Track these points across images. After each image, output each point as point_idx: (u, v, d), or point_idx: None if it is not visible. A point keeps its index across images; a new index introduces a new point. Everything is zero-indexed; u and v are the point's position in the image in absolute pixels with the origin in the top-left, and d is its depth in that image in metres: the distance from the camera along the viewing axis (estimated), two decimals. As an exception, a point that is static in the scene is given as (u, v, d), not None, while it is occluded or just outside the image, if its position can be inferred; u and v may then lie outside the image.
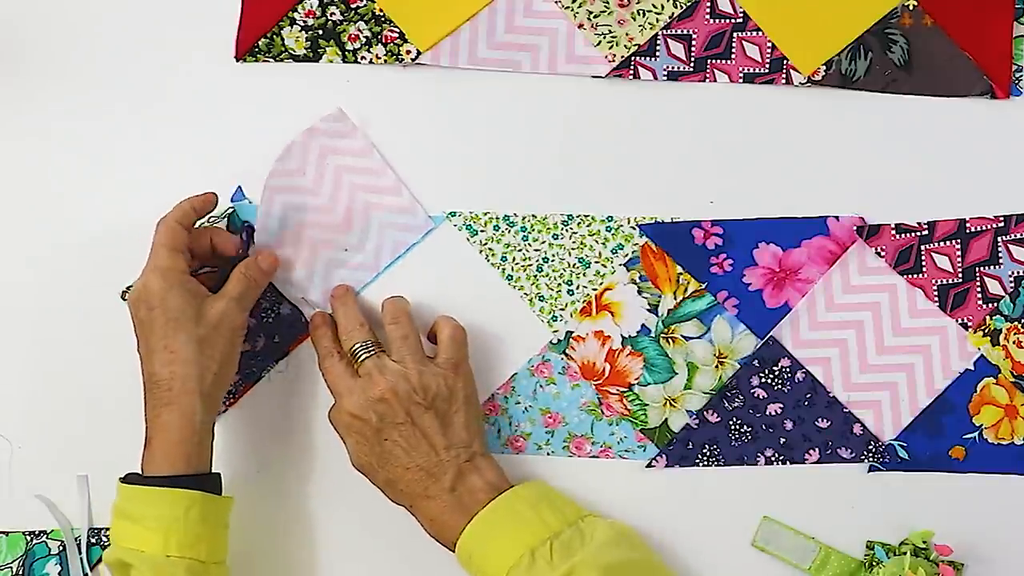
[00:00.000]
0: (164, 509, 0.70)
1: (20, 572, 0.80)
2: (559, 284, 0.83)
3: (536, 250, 0.83)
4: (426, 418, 0.74)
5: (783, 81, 0.84)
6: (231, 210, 0.83)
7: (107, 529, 0.80)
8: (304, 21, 0.85)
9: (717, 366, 0.82)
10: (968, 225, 0.82)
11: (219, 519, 0.74)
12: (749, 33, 0.84)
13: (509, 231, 0.83)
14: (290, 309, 0.82)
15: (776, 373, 0.81)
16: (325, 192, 0.83)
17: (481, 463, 0.75)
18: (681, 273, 0.83)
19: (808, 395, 0.81)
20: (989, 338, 0.81)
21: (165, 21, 0.86)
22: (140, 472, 0.72)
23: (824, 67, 0.84)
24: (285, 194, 0.82)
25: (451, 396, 0.75)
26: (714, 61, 0.84)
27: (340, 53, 0.85)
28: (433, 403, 0.74)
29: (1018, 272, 0.82)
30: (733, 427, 0.81)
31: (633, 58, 0.84)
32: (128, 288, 0.82)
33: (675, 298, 0.82)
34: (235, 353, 0.76)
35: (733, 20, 0.84)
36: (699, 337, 0.82)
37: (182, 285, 0.74)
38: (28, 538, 0.81)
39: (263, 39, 0.85)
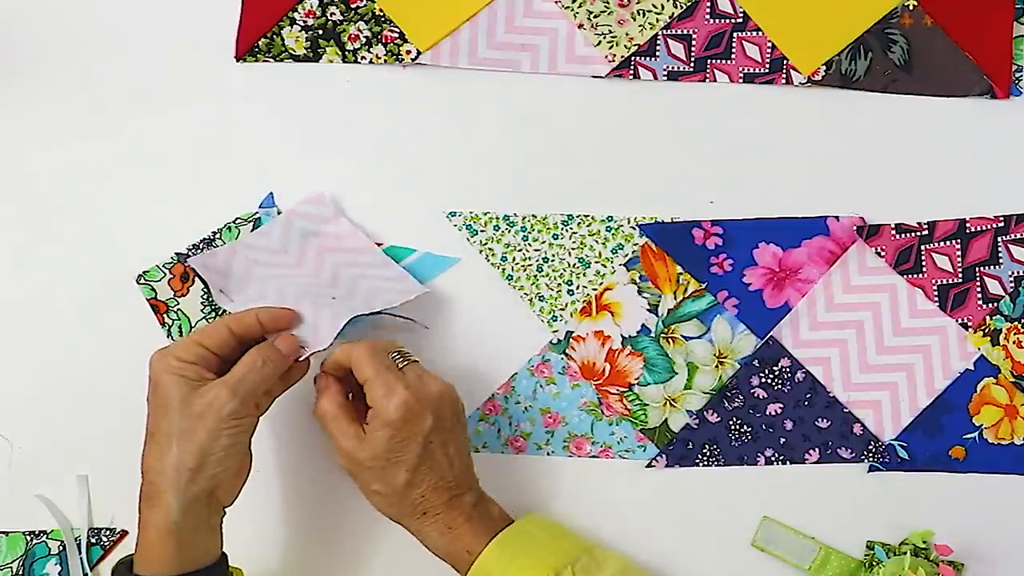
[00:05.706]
0: None
1: (20, 572, 0.80)
2: (559, 284, 0.83)
3: (536, 250, 0.83)
4: (460, 429, 0.74)
5: (783, 81, 0.84)
6: (258, 216, 0.83)
7: (107, 529, 0.80)
8: (304, 21, 0.85)
9: (717, 366, 0.82)
10: (968, 225, 0.82)
11: None
12: (749, 33, 0.84)
13: (509, 231, 0.83)
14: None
15: (776, 373, 0.81)
16: (309, 265, 0.81)
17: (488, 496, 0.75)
18: (681, 273, 0.83)
19: (808, 395, 0.81)
20: (989, 338, 0.81)
21: (165, 21, 0.86)
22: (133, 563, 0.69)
23: (824, 67, 0.84)
24: (264, 267, 0.79)
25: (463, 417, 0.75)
26: (714, 61, 0.84)
27: (340, 53, 0.85)
28: (461, 418, 0.74)
29: (1018, 272, 0.82)
30: (733, 427, 0.81)
31: (633, 58, 0.84)
32: (143, 274, 0.82)
33: (675, 298, 0.82)
34: (219, 444, 0.68)
35: (733, 20, 0.84)
36: (699, 337, 0.82)
37: (176, 370, 0.69)
38: (28, 538, 0.80)
39: (263, 39, 0.85)
